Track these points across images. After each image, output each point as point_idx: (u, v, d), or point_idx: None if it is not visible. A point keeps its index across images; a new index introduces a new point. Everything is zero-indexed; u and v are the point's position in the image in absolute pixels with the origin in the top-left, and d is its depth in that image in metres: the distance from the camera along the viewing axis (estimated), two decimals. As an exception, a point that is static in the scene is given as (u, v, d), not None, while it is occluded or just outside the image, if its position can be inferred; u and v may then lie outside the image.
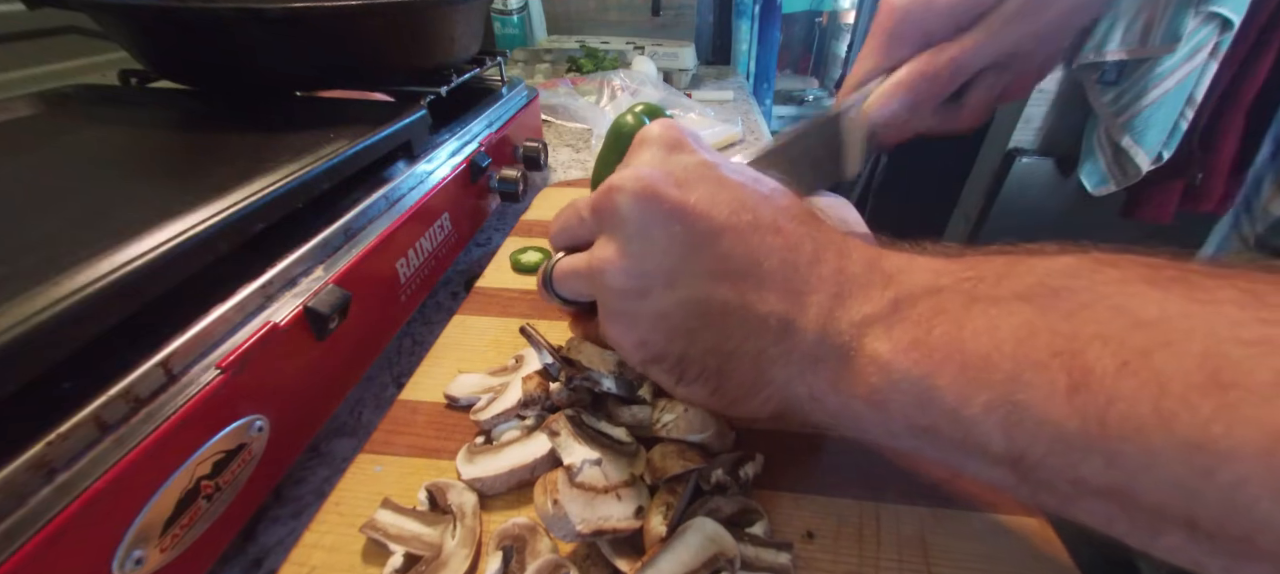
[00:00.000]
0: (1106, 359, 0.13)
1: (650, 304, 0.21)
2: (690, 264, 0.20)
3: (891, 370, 0.17)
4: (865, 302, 0.18)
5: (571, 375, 0.27)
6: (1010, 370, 0.14)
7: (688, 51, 1.11)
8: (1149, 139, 1.15)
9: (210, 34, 0.41)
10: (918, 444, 0.18)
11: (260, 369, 0.27)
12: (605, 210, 0.21)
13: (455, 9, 0.48)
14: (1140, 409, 0.12)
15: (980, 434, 0.15)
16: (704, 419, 0.26)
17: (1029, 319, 0.15)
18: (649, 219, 0.20)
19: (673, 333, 0.21)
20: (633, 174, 0.21)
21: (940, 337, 0.16)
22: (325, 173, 0.33)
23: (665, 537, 0.22)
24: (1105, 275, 0.14)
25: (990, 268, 0.17)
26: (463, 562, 0.23)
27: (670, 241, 0.20)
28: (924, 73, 0.28)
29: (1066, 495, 0.14)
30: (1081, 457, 0.13)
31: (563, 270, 0.25)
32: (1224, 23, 1.05)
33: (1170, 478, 0.12)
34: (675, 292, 0.20)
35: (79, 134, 0.41)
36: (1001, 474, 0.15)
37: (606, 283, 0.21)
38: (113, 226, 0.25)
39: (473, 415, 0.30)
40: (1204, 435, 0.11)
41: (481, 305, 0.40)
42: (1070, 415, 0.13)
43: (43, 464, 0.19)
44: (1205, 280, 0.13)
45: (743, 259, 0.19)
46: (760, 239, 0.19)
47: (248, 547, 0.30)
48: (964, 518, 0.25)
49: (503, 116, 0.58)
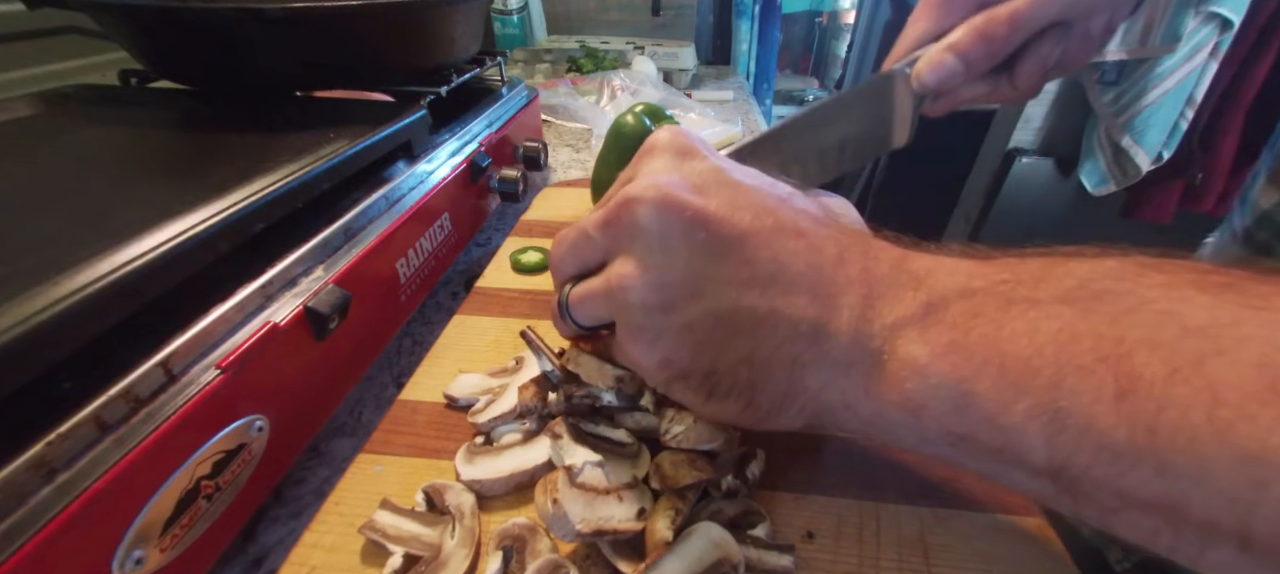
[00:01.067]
0: (1156, 365, 0.12)
1: (675, 319, 0.20)
2: (715, 273, 0.19)
3: (927, 375, 0.16)
4: (897, 303, 0.18)
5: (570, 392, 0.27)
6: (1053, 375, 0.14)
7: (688, 51, 1.11)
8: (1149, 139, 1.16)
9: (210, 34, 0.41)
10: (954, 453, 0.17)
11: (260, 369, 0.27)
12: (622, 224, 0.21)
13: (455, 9, 0.48)
14: (1193, 418, 0.12)
15: (1021, 442, 0.14)
16: (713, 430, 0.26)
17: (1071, 323, 0.14)
18: (669, 230, 0.19)
19: (700, 347, 0.20)
20: (649, 183, 0.20)
21: (978, 339, 0.15)
22: (325, 173, 0.33)
23: (671, 541, 0.22)
24: (1151, 279, 0.14)
25: (1026, 270, 0.16)
26: (462, 562, 0.23)
27: (693, 251, 0.19)
28: (981, 32, 0.27)
29: (1111, 508, 0.14)
30: (1129, 467, 0.13)
31: (580, 295, 0.24)
32: (1224, 23, 1.05)
33: (1225, 490, 0.12)
34: (701, 303, 0.19)
35: (79, 134, 0.41)
36: (1042, 485, 0.15)
37: (628, 300, 0.20)
38: (113, 226, 0.25)
39: (470, 417, 0.30)
40: (1263, 447, 0.11)
41: (481, 305, 0.40)
42: (1117, 423, 0.13)
43: (43, 464, 0.19)
44: (1257, 286, 0.13)
45: (769, 264, 0.19)
46: (784, 243, 0.19)
47: (248, 547, 0.30)
48: (964, 518, 0.25)
49: (503, 116, 0.58)
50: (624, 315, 0.21)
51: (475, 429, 0.29)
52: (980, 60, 0.27)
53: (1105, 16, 0.28)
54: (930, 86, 0.28)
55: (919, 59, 0.28)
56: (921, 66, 0.28)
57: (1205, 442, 0.12)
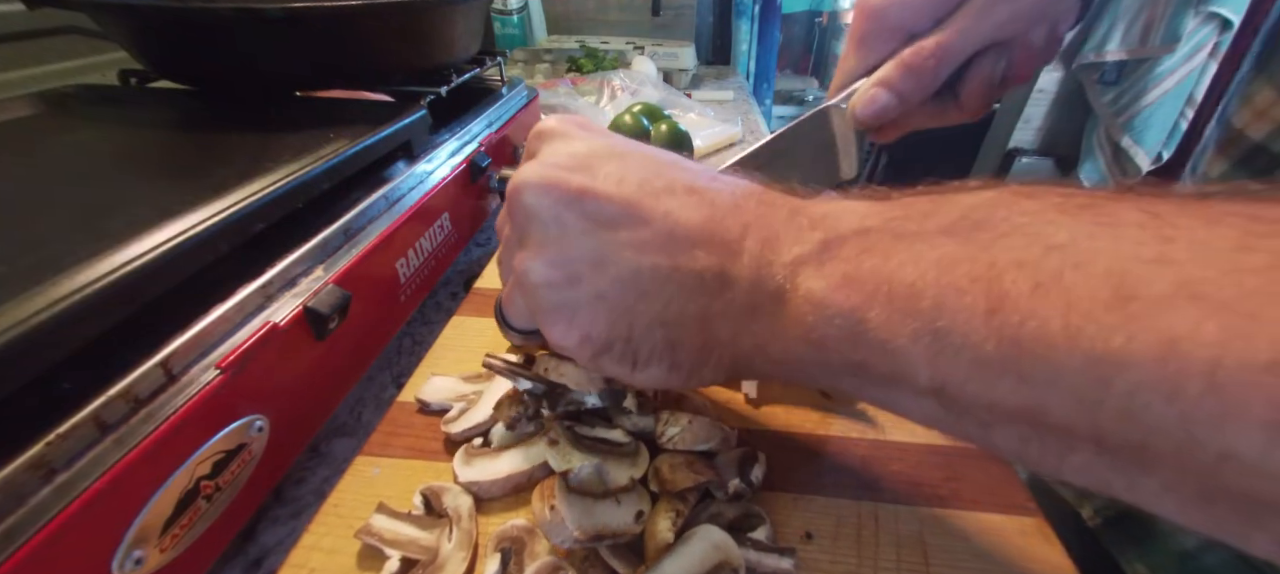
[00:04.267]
0: (1022, 282, 0.13)
1: (584, 291, 0.20)
2: (612, 241, 0.20)
3: (825, 307, 0.17)
4: (795, 243, 0.18)
5: (556, 400, 0.27)
6: (934, 299, 0.15)
7: (688, 51, 1.11)
8: (1148, 139, 1.16)
9: (210, 34, 0.41)
10: (856, 383, 0.18)
11: (260, 369, 0.27)
12: (515, 212, 0.21)
13: (455, 9, 0.48)
14: (1051, 327, 0.13)
15: (907, 365, 0.16)
16: (709, 428, 0.26)
17: (951, 251, 0.15)
18: (558, 207, 0.20)
19: (614, 315, 0.20)
20: (533, 167, 0.21)
21: (869, 271, 0.16)
22: (325, 173, 0.33)
23: (671, 543, 0.22)
24: (1022, 206, 0.15)
25: (917, 207, 0.17)
26: (459, 564, 0.23)
27: (587, 224, 0.20)
28: (908, 66, 0.27)
29: (984, 421, 0.15)
30: (997, 378, 0.14)
31: (505, 296, 0.24)
32: (1224, 23, 1.05)
33: (1075, 391, 0.13)
34: (606, 272, 0.20)
35: (79, 134, 0.41)
36: (927, 405, 0.16)
37: (534, 282, 0.20)
38: (113, 226, 0.25)
39: (444, 425, 0.29)
40: (1106, 347, 0.12)
41: (480, 306, 0.40)
42: (987, 337, 0.14)
43: (42, 464, 0.19)
44: (1111, 205, 0.14)
45: (663, 222, 0.19)
46: (676, 200, 0.20)
47: (248, 547, 0.30)
48: (962, 518, 0.25)
49: (503, 116, 0.58)
50: (535, 300, 0.21)
51: (448, 438, 0.29)
52: (913, 92, 0.28)
53: (1046, 27, 0.28)
54: (866, 122, 0.28)
55: (854, 93, 0.28)
56: (855, 102, 0.28)
57: (1059, 348, 0.13)
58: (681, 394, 0.30)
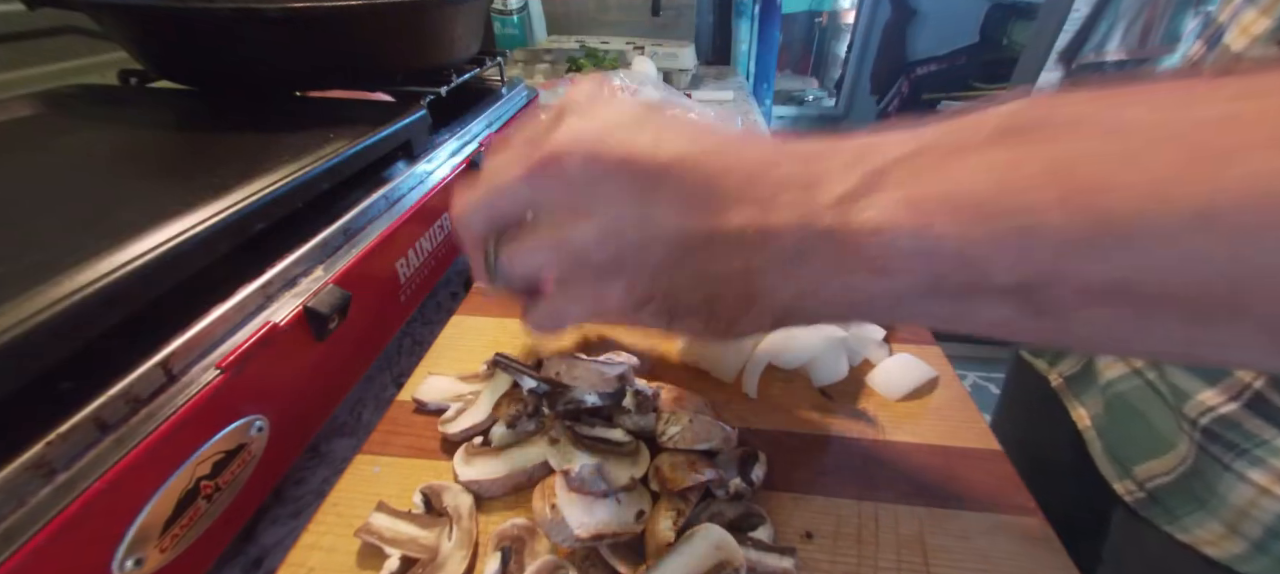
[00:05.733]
0: (1093, 163, 0.14)
1: (629, 255, 0.21)
2: (654, 207, 0.20)
3: (886, 231, 0.17)
4: (838, 182, 0.18)
5: (556, 399, 0.27)
6: (1004, 199, 0.15)
7: (687, 51, 1.11)
8: (1149, 139, 1.15)
9: (210, 34, 0.41)
10: (927, 305, 0.18)
11: (260, 369, 0.27)
12: (551, 178, 0.21)
13: (455, 9, 0.48)
14: (1137, 195, 0.13)
15: (986, 268, 0.16)
16: (710, 428, 0.26)
17: (1010, 154, 0.16)
18: (602, 176, 0.20)
19: (657, 272, 0.21)
20: (572, 137, 0.21)
21: (928, 187, 0.17)
22: (325, 173, 0.33)
23: (673, 542, 0.22)
24: (1067, 103, 0.16)
25: (952, 129, 0.18)
26: (459, 563, 0.23)
27: (629, 191, 0.20)
28: None
29: (1072, 309, 0.15)
30: (1084, 258, 0.14)
31: (520, 250, 0.23)
32: (1224, 23, 1.04)
33: (1172, 250, 0.13)
34: (649, 231, 0.20)
35: (79, 134, 0.41)
36: (1006, 311, 0.16)
37: (583, 245, 0.21)
38: (113, 226, 0.25)
39: (441, 426, 0.29)
40: (1205, 202, 0.13)
41: (480, 305, 0.40)
42: (1071, 220, 0.14)
43: (42, 464, 0.19)
44: (1161, 88, 0.15)
45: (702, 186, 0.20)
46: (713, 163, 0.20)
47: (248, 547, 0.30)
48: (962, 518, 0.25)
49: (503, 116, 0.58)
50: (577, 263, 0.22)
51: (445, 439, 0.29)
52: None
53: None
54: None
55: None
56: None
57: (1151, 213, 0.13)
58: (681, 393, 0.30)
